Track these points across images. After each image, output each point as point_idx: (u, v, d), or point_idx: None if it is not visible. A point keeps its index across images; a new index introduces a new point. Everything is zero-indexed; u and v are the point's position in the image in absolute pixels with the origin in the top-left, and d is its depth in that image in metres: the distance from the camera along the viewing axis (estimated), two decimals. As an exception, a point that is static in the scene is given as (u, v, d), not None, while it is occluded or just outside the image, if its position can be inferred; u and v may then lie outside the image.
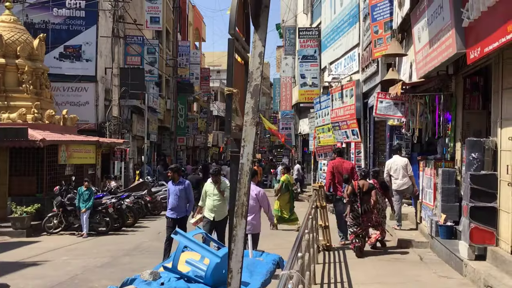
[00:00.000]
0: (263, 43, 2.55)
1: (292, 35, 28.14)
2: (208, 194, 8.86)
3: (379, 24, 13.11)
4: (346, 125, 16.34)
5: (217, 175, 8.90)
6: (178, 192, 9.38)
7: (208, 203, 8.86)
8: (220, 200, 8.76)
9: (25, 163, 15.10)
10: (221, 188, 8.76)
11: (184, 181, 9.59)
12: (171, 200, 9.43)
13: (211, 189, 8.84)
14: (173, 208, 9.37)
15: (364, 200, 9.40)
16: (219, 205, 8.75)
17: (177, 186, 9.45)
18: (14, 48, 16.34)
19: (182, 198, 9.38)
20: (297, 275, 3.72)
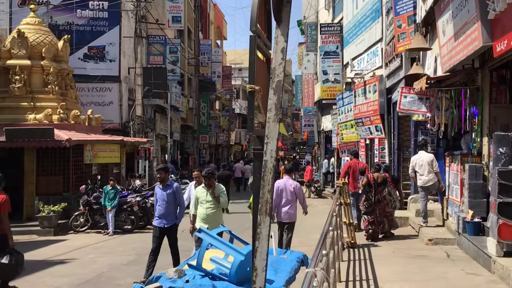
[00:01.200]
0: (286, 39, 2.52)
1: (314, 31, 27.96)
2: (200, 201, 7.94)
3: (402, 18, 12.92)
4: (370, 121, 16.17)
5: (210, 178, 7.92)
6: (166, 197, 8.25)
7: (200, 212, 7.95)
8: (214, 208, 7.88)
9: (51, 163, 15.36)
10: (216, 193, 7.86)
11: (172, 184, 8.45)
12: (158, 207, 8.35)
13: (203, 195, 7.94)
14: (160, 215, 8.29)
15: (378, 190, 10.61)
16: (213, 214, 7.86)
17: (164, 191, 8.29)
18: (39, 49, 16.63)
19: (171, 204, 8.27)
20: (322, 273, 3.69)
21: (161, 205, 8.28)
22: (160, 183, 8.44)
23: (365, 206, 10.61)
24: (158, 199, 8.35)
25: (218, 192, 7.91)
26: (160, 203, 8.30)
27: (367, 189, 10.61)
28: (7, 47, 16.52)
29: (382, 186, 10.61)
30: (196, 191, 8.09)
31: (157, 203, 8.41)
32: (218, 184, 8.09)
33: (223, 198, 7.93)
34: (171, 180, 8.90)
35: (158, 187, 8.50)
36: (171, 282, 4.92)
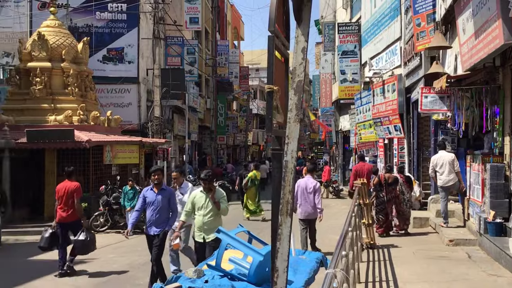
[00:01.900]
0: (306, 38, 2.51)
1: (331, 30, 27.85)
2: (198, 207, 7.11)
3: (422, 17, 12.79)
4: (388, 120, 16.04)
5: (210, 181, 7.11)
6: (160, 202, 7.55)
7: (198, 220, 7.13)
8: (213, 216, 7.04)
9: (72, 163, 15.52)
10: (216, 198, 7.06)
11: (167, 188, 7.83)
12: (149, 212, 7.61)
13: (201, 200, 7.09)
14: (152, 222, 7.59)
15: (389, 190, 11.17)
16: (211, 222, 6.99)
17: (158, 195, 7.57)
18: (59, 52, 16.84)
19: (165, 209, 7.60)
20: (342, 274, 3.67)
21: (153, 210, 7.56)
22: (154, 186, 7.66)
23: (376, 204, 11.14)
24: (150, 203, 7.59)
25: (219, 197, 7.09)
26: (152, 208, 7.57)
27: (378, 189, 11.16)
28: (27, 49, 16.77)
29: (393, 186, 11.22)
30: (194, 197, 7.21)
31: (148, 208, 7.64)
32: (218, 189, 7.30)
33: (224, 204, 7.11)
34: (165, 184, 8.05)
35: (149, 190, 7.72)
36: (190, 282, 4.94)
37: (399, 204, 11.33)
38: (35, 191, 15.37)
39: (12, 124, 15.39)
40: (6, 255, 11.26)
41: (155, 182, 7.63)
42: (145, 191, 7.83)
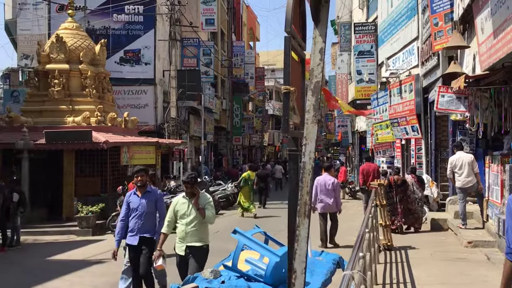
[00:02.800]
0: (324, 39, 2.50)
1: (348, 31, 27.73)
2: (180, 215, 6.19)
3: (439, 16, 12.66)
4: (406, 121, 15.91)
5: (193, 184, 6.17)
6: (146, 206, 6.70)
7: (180, 229, 6.21)
8: (197, 224, 6.14)
9: (89, 164, 15.71)
10: (200, 204, 6.14)
11: (153, 191, 6.98)
12: (133, 219, 6.70)
13: (184, 207, 6.19)
14: (136, 230, 6.67)
15: (398, 191, 11.68)
16: (194, 232, 6.15)
17: (143, 199, 6.74)
18: (77, 54, 17.03)
19: (151, 214, 6.76)
20: (360, 275, 3.65)
21: (137, 217, 6.67)
22: (138, 188, 6.81)
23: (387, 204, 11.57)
24: (134, 208, 6.71)
25: (204, 202, 6.16)
26: (136, 214, 6.69)
27: (388, 190, 11.51)
28: (46, 51, 16.99)
29: (401, 187, 11.79)
30: (176, 203, 6.27)
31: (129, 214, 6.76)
32: (204, 193, 6.43)
33: (210, 210, 6.15)
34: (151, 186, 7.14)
35: (133, 194, 6.87)
36: (207, 282, 4.96)
37: (411, 203, 11.78)
38: (54, 192, 15.56)
39: (31, 125, 15.60)
40: (25, 255, 11.41)
41: (138, 184, 6.78)
42: (128, 196, 6.92)
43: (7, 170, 15.51)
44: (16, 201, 12.36)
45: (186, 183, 6.18)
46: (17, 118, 16.18)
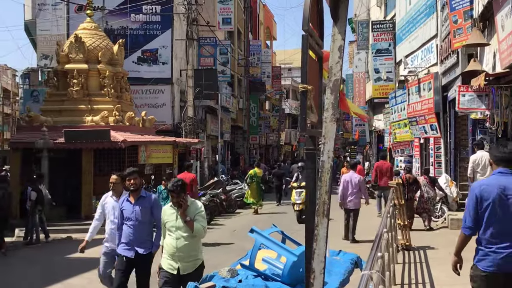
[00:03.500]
0: (343, 36, 2.47)
1: (365, 29, 27.52)
2: (168, 226, 5.44)
3: (458, 14, 12.49)
4: (424, 120, 15.74)
5: (179, 193, 5.33)
6: (140, 215, 5.90)
7: (168, 243, 5.43)
8: (187, 239, 5.35)
9: (108, 163, 15.85)
10: (189, 215, 5.37)
11: (148, 196, 6.13)
12: (126, 228, 5.96)
13: (172, 218, 5.43)
14: (130, 241, 5.91)
15: (410, 189, 11.99)
16: (185, 247, 5.35)
17: (136, 206, 5.93)
18: (95, 54, 17.18)
19: (146, 224, 5.96)
20: (378, 275, 3.61)
21: (131, 225, 5.91)
22: (131, 193, 6.00)
23: None
24: (127, 217, 5.94)
25: (193, 213, 5.38)
26: (129, 223, 5.93)
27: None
28: (65, 51, 17.17)
29: (413, 185, 12.18)
30: (163, 212, 5.58)
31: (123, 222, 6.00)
32: (195, 202, 5.55)
33: (200, 222, 5.36)
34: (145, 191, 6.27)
35: (126, 200, 6.02)
36: (224, 281, 4.96)
37: (424, 203, 12.27)
38: (73, 190, 15.73)
39: (50, 124, 15.78)
40: (45, 252, 11.56)
41: (131, 188, 5.95)
42: (121, 202, 6.09)
43: (27, 169, 15.74)
44: (34, 199, 12.53)
45: (171, 191, 5.29)
46: (37, 117, 16.39)
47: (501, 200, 3.99)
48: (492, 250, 4.04)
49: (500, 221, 3.99)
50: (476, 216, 4.09)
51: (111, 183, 6.54)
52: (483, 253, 4.13)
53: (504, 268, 3.97)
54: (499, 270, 3.99)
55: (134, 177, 5.97)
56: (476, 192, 4.12)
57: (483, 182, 4.36)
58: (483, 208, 4.04)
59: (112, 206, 6.51)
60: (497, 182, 4.10)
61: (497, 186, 4.04)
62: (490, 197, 4.02)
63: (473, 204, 4.11)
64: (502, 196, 4.00)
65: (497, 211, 3.99)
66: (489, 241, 4.06)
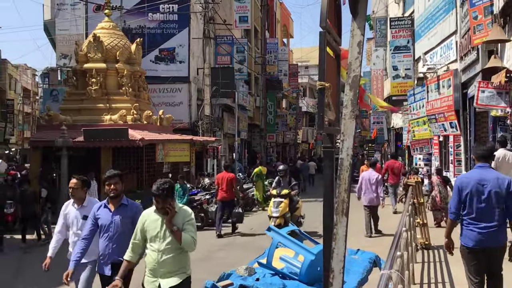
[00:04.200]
0: (362, 32, 2.43)
1: (383, 26, 27.28)
2: (151, 237, 4.52)
3: (478, 9, 12.29)
4: (444, 117, 15.54)
5: (165, 198, 4.44)
6: (120, 225, 5.15)
7: (151, 258, 4.53)
8: (173, 252, 4.46)
9: (126, 161, 15.97)
10: (176, 224, 4.48)
11: (131, 204, 5.38)
12: (103, 241, 5.19)
13: (155, 226, 4.51)
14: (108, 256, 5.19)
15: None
16: (170, 262, 4.47)
17: (116, 215, 5.19)
18: (113, 53, 17.32)
19: (127, 235, 4.95)
20: (397, 275, 3.57)
21: (109, 238, 5.15)
22: (110, 200, 5.25)
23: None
24: (104, 227, 5.17)
25: (181, 222, 4.50)
26: (107, 234, 5.16)
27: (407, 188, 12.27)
28: (84, 51, 17.34)
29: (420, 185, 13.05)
30: (144, 220, 4.59)
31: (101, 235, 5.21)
32: (183, 209, 4.65)
33: (189, 233, 4.47)
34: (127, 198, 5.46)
35: (102, 207, 5.27)
36: (241, 279, 4.96)
37: (439, 202, 12.43)
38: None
39: (69, 123, 15.96)
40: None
41: (111, 194, 5.19)
42: (96, 208, 5.27)
43: (47, 167, 15.94)
44: (44, 196, 12.67)
45: (156, 196, 4.41)
46: (57, 116, 16.59)
47: (478, 189, 4.88)
48: (471, 229, 4.92)
49: (477, 206, 4.88)
50: (459, 204, 4.99)
51: (70, 188, 5.69)
52: (465, 232, 5.00)
53: (482, 243, 4.86)
54: (478, 245, 4.88)
55: (115, 181, 5.21)
56: (457, 184, 5.06)
57: (463, 175, 5.33)
58: (463, 196, 4.95)
59: (74, 216, 5.60)
60: (475, 175, 5.01)
61: (474, 178, 4.95)
62: (468, 187, 4.92)
63: (456, 194, 5.02)
64: (479, 186, 4.88)
65: (474, 198, 4.88)
66: (469, 222, 4.94)
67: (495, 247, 4.91)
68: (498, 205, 4.84)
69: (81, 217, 5.58)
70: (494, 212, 4.84)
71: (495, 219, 4.84)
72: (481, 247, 4.87)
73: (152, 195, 4.44)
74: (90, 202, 5.66)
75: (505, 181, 4.90)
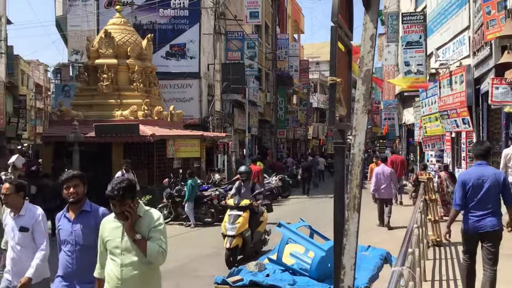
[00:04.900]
0: (375, 25, 2.40)
1: (395, 21, 27.07)
2: (111, 248, 3.71)
3: (492, 4, 12.13)
4: (456, 113, 15.39)
5: (122, 199, 3.61)
6: (82, 236, 4.15)
7: (110, 273, 3.69)
8: (138, 266, 3.64)
9: (137, 157, 16.03)
10: (141, 232, 3.64)
11: (95, 210, 4.33)
12: (63, 256, 4.20)
13: (115, 234, 3.70)
14: (67, 274, 4.19)
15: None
16: (134, 279, 3.63)
17: (77, 224, 4.19)
18: (125, 49, 17.37)
19: (90, 249, 4.06)
20: (409, 272, 3.53)
21: (69, 252, 4.18)
22: (69, 206, 4.27)
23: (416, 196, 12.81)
24: (64, 240, 4.22)
25: (147, 228, 3.65)
26: (67, 247, 4.20)
27: (416, 183, 13.27)
28: (95, 47, 17.42)
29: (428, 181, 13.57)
30: (103, 228, 3.80)
31: (61, 247, 4.25)
32: (150, 212, 3.75)
33: (156, 241, 3.62)
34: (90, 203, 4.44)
35: (63, 216, 4.29)
36: (251, 275, 4.96)
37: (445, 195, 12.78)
38: (103, 184, 15.92)
39: (81, 119, 16.05)
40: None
41: (71, 199, 4.22)
42: (58, 219, 4.34)
43: (59, 163, 16.05)
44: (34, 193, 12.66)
45: (110, 198, 3.61)
46: (68, 112, 16.69)
47: (478, 183, 5.73)
48: (470, 217, 5.78)
49: (476, 198, 5.72)
50: (463, 196, 5.81)
51: (2, 194, 4.79)
52: (465, 219, 5.87)
53: (479, 228, 5.73)
54: (475, 230, 5.76)
55: (75, 183, 4.23)
56: (461, 179, 5.93)
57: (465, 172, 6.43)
58: (465, 190, 5.78)
59: (11, 227, 4.68)
60: (475, 171, 5.87)
61: (475, 174, 5.81)
62: (470, 182, 5.76)
63: (460, 187, 5.85)
64: (479, 181, 5.73)
65: (474, 191, 5.73)
66: (469, 211, 5.79)
67: (493, 231, 5.73)
68: (495, 196, 5.73)
69: (18, 228, 4.63)
70: (489, 202, 5.70)
71: (490, 208, 5.70)
72: (478, 232, 5.75)
73: (107, 198, 3.63)
74: (29, 211, 4.68)
75: (501, 176, 5.87)
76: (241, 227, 8.92)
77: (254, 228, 9.37)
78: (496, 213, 5.76)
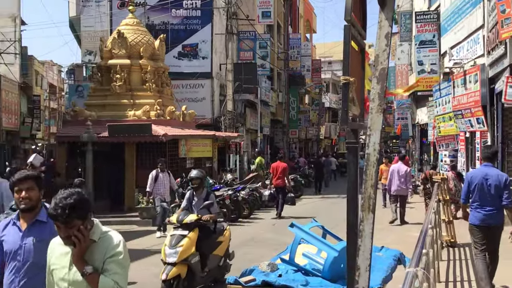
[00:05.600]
0: (390, 23, 2.37)
1: (408, 20, 26.88)
2: (58, 279, 2.88)
3: (506, 3, 11.99)
4: (470, 113, 15.23)
5: (67, 219, 2.70)
6: (33, 251, 3.35)
7: None
8: None
9: (149, 156, 16.09)
10: (93, 262, 2.79)
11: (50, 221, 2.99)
12: (9, 274, 3.37)
13: (62, 263, 2.86)
14: None
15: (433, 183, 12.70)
16: None
17: (29, 237, 3.38)
18: (137, 49, 17.45)
19: (42, 268, 3.08)
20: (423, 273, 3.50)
21: (16, 269, 3.38)
22: (21, 214, 3.43)
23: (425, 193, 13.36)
24: (11, 253, 3.39)
25: (103, 257, 2.83)
26: (14, 264, 3.39)
27: (425, 182, 13.40)
28: (108, 47, 17.52)
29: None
30: (52, 249, 2.99)
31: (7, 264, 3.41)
32: (108, 235, 2.92)
33: (111, 276, 2.79)
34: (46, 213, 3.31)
35: (11, 224, 3.45)
36: (264, 275, 4.95)
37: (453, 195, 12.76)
38: (116, 183, 16.04)
39: (94, 119, 16.14)
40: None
41: (22, 205, 3.39)
42: (1, 227, 3.48)
43: (73, 162, 16.17)
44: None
45: (53, 219, 2.76)
46: (82, 112, 16.81)
47: (483, 182, 6.41)
48: (477, 211, 6.47)
49: (482, 194, 6.42)
50: (468, 192, 6.61)
51: None
52: (472, 213, 6.56)
53: (484, 222, 6.40)
54: (482, 223, 6.42)
55: (28, 186, 3.39)
56: (468, 178, 6.72)
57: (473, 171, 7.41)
58: (472, 187, 6.52)
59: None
60: (481, 171, 6.60)
61: (481, 174, 6.53)
62: (476, 180, 6.48)
63: (466, 185, 6.65)
64: (484, 180, 6.41)
65: (480, 188, 6.43)
66: (476, 207, 6.49)
67: (495, 224, 6.41)
68: (497, 194, 6.33)
69: None
70: (494, 199, 6.35)
71: (495, 205, 6.36)
72: (484, 224, 6.40)
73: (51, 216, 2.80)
74: None
75: (503, 177, 6.44)
76: (185, 251, 6.82)
77: (208, 251, 7.24)
78: (499, 210, 6.40)
